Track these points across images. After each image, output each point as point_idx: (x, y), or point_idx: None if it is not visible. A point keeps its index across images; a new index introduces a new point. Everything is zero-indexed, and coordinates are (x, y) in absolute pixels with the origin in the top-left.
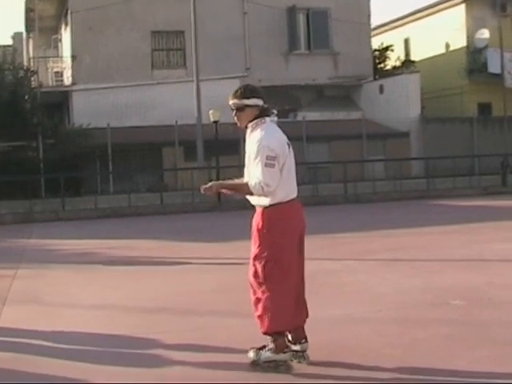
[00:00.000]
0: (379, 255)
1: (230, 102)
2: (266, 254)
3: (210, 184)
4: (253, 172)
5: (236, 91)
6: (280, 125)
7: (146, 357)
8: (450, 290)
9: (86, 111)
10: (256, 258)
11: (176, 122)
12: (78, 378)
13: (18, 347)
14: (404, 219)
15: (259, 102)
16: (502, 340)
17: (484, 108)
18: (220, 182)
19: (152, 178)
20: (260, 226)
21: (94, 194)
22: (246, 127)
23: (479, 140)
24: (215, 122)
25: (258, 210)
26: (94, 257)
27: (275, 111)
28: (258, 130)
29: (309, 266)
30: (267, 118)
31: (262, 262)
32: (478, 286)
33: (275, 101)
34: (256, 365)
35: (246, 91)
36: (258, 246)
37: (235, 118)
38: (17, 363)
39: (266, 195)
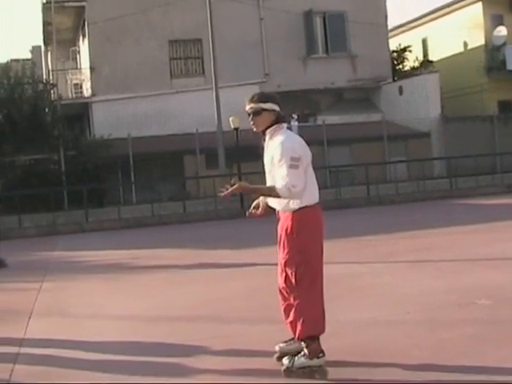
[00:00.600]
0: (403, 257)
1: (247, 107)
2: (296, 258)
3: (238, 184)
4: (278, 175)
5: (252, 96)
6: (300, 129)
7: (174, 366)
8: (476, 290)
9: (106, 122)
10: (287, 263)
11: (196, 129)
12: None
13: (45, 360)
14: (427, 220)
15: (276, 107)
16: None
17: (504, 106)
18: (246, 184)
19: (174, 187)
20: (289, 230)
21: (116, 204)
22: (264, 133)
23: (500, 138)
24: (235, 128)
25: (285, 215)
26: (119, 267)
27: (295, 116)
28: (278, 135)
29: (334, 270)
30: (284, 125)
31: (294, 267)
32: (503, 284)
33: (294, 105)
34: (290, 371)
35: (263, 96)
36: (288, 252)
37: (252, 123)
38: (46, 376)
39: (293, 197)
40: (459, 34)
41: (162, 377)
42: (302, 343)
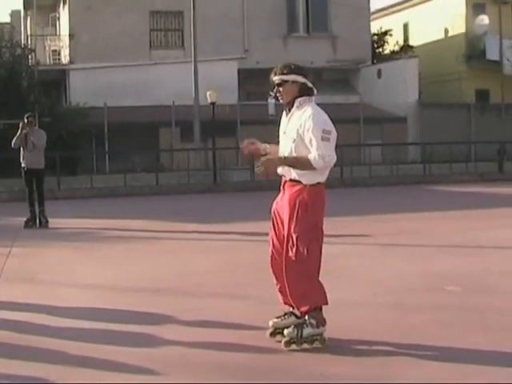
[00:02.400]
0: (375, 240)
1: (274, 78)
2: (311, 233)
3: (267, 158)
4: (311, 146)
5: (282, 67)
6: (277, 107)
7: (138, 336)
8: (446, 276)
9: (83, 90)
10: (300, 238)
11: (173, 102)
12: (70, 354)
13: (12, 325)
14: (400, 204)
15: (300, 79)
16: (497, 326)
17: (482, 94)
18: (278, 158)
19: (148, 158)
20: (304, 204)
21: (89, 173)
22: (289, 104)
23: (476, 126)
24: (212, 103)
25: (299, 188)
26: (90, 236)
27: (272, 93)
28: (308, 107)
29: None
30: (313, 97)
31: (307, 242)
32: (473, 272)
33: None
34: (292, 343)
35: (286, 68)
36: (302, 226)
37: (278, 94)
38: (13, 341)
39: (326, 167)
40: (441, 20)
41: (124, 346)
42: (307, 315)
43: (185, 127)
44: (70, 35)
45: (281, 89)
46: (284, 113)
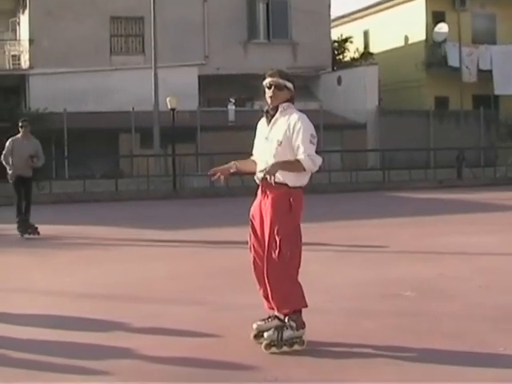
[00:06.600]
0: (332, 246)
1: (269, 80)
2: (293, 235)
3: (269, 168)
4: (298, 148)
5: (277, 71)
6: (237, 113)
7: (90, 344)
8: (401, 282)
9: (42, 95)
10: (283, 241)
11: (133, 108)
12: (21, 361)
13: None
14: (358, 211)
15: (291, 87)
16: (451, 332)
17: (441, 101)
18: (275, 163)
19: (108, 164)
20: (287, 206)
21: (48, 179)
22: (273, 109)
23: (435, 133)
24: (172, 109)
25: (281, 191)
26: (47, 242)
27: (233, 99)
28: (293, 113)
29: None
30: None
31: (290, 245)
32: (429, 278)
33: (233, 89)
34: (272, 345)
35: (287, 74)
36: (285, 229)
37: (269, 96)
38: None
39: (314, 169)
40: (401, 28)
41: (79, 354)
42: (287, 318)
43: (144, 133)
44: (29, 40)
45: (274, 92)
46: (263, 119)
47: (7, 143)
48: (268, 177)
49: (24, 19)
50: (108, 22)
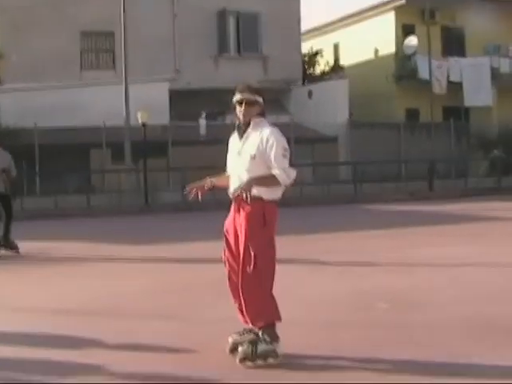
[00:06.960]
0: (305, 259)
1: (239, 96)
2: (268, 248)
3: (244, 185)
4: (272, 163)
5: (247, 86)
6: (208, 127)
7: (64, 361)
8: (375, 294)
9: (12, 111)
10: (258, 255)
11: (104, 123)
12: None
13: None
14: (331, 223)
15: (261, 101)
16: (425, 342)
17: (412, 113)
18: (251, 179)
19: (79, 180)
20: (261, 220)
21: (20, 195)
22: (244, 125)
23: (406, 145)
24: (143, 124)
25: (256, 205)
26: (19, 258)
27: (204, 113)
28: (265, 127)
29: None
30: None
31: (265, 259)
32: (402, 289)
33: (204, 103)
34: (247, 360)
35: (257, 89)
36: (259, 243)
37: (240, 112)
38: None
39: (289, 182)
40: (371, 41)
41: (52, 371)
42: (261, 331)
43: (116, 148)
44: None
45: (246, 108)
46: (235, 134)
47: None
48: (244, 194)
49: None
50: (78, 37)
